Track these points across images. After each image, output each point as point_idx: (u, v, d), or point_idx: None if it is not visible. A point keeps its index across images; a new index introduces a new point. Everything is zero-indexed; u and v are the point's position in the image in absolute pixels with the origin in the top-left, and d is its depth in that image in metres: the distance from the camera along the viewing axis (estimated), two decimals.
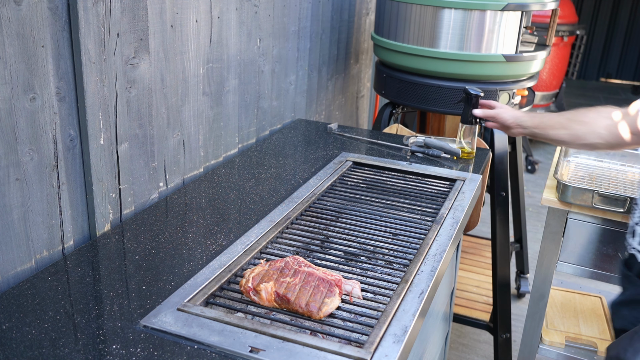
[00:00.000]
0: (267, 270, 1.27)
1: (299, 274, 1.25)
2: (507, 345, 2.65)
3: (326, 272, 1.27)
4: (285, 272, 1.26)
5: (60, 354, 1.06)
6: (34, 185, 1.33)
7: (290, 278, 1.23)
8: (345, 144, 2.21)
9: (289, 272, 1.26)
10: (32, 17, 1.25)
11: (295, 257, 1.31)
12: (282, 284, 1.22)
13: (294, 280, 1.23)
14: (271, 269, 1.27)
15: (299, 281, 1.23)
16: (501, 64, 2.36)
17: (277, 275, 1.25)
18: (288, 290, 1.21)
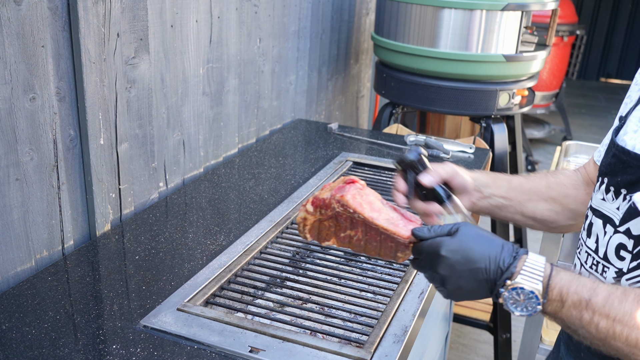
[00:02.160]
0: (320, 222, 1.09)
1: (358, 225, 1.06)
2: (507, 345, 2.65)
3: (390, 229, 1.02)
4: (341, 222, 1.07)
5: (60, 354, 1.06)
6: (34, 185, 1.33)
7: (351, 231, 1.07)
8: (345, 144, 2.21)
9: (345, 222, 1.07)
10: (32, 17, 1.25)
11: (343, 205, 1.04)
12: (344, 239, 1.08)
13: (357, 234, 1.06)
14: (324, 219, 1.08)
15: (361, 235, 1.06)
16: (501, 64, 2.36)
17: (334, 227, 1.08)
18: (355, 246, 1.07)
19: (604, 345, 0.81)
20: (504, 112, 2.47)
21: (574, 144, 2.52)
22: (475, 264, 0.86)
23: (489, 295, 0.87)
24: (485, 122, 2.51)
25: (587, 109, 7.35)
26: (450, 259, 0.87)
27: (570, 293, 0.82)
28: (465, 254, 0.86)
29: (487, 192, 1.16)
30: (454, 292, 0.88)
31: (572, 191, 1.17)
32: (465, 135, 3.46)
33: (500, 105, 2.43)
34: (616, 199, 0.93)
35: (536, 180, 1.20)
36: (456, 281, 0.87)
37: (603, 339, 0.80)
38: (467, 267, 0.86)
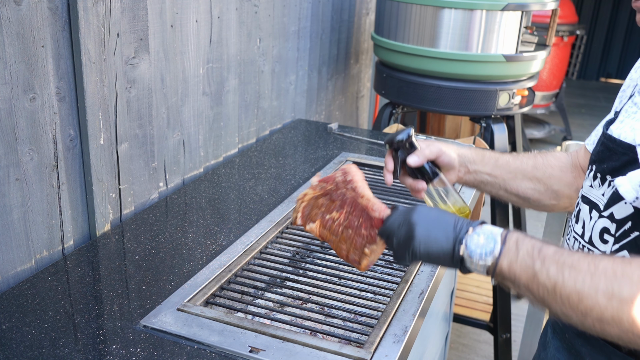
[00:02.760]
0: (316, 199, 1.13)
1: (345, 205, 1.10)
2: (507, 345, 2.65)
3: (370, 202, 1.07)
4: (334, 199, 1.11)
5: (60, 354, 1.06)
6: (34, 185, 1.33)
7: (336, 212, 1.10)
8: (345, 144, 2.21)
9: (337, 200, 1.11)
10: (32, 17, 1.25)
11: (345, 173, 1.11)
12: (326, 222, 1.11)
13: (339, 217, 1.09)
14: (321, 196, 1.13)
15: (343, 218, 1.09)
16: (501, 64, 2.36)
17: (325, 206, 1.12)
18: (331, 233, 1.10)
19: (554, 299, 0.82)
20: (504, 112, 2.47)
21: (574, 144, 2.52)
22: (445, 216, 0.95)
23: (451, 242, 0.91)
24: (485, 122, 2.51)
25: (587, 109, 7.35)
26: (422, 211, 0.96)
27: (525, 242, 0.86)
28: (436, 213, 0.96)
29: (473, 168, 1.25)
30: (420, 243, 0.92)
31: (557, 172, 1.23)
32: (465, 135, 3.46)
33: (500, 105, 2.43)
34: (602, 185, 0.97)
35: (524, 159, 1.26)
36: (425, 231, 0.92)
37: (553, 288, 0.81)
38: (438, 218, 0.94)
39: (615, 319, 0.77)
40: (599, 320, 0.78)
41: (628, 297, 0.75)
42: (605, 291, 0.77)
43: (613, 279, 0.78)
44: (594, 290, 0.78)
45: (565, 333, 1.04)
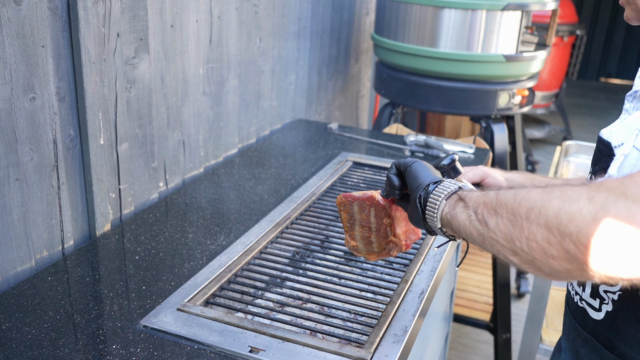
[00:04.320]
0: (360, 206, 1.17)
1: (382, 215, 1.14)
2: (507, 345, 2.65)
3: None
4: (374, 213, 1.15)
5: (60, 354, 1.06)
6: (34, 185, 1.33)
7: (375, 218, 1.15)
8: (345, 144, 2.21)
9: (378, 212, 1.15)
10: (32, 17, 1.25)
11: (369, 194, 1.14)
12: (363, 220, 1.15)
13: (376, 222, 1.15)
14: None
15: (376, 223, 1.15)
16: (501, 64, 2.36)
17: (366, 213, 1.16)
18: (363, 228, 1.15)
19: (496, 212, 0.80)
20: (504, 112, 2.47)
21: (574, 144, 2.52)
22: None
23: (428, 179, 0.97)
24: (485, 122, 2.51)
25: (587, 109, 7.35)
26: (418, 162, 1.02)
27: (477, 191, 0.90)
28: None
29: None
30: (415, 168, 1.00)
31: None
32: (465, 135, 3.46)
33: (500, 105, 2.43)
34: None
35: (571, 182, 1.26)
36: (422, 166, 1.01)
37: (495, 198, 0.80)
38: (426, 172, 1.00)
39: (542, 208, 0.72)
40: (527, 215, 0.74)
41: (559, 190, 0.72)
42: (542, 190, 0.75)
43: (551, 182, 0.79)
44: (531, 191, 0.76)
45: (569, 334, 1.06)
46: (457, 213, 0.88)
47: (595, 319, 0.99)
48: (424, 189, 0.96)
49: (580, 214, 0.66)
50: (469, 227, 0.84)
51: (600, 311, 0.99)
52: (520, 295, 3.34)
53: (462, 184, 0.95)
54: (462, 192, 0.90)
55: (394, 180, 1.04)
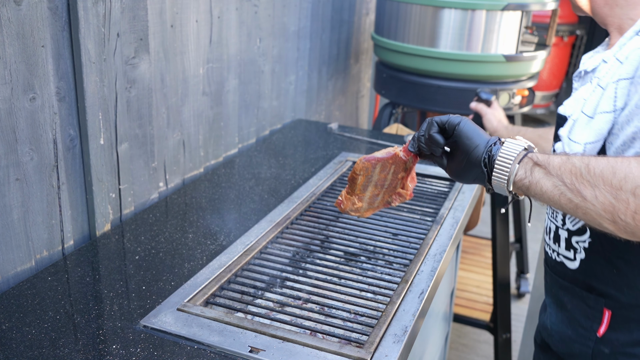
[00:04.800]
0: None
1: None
2: (507, 345, 2.65)
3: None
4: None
5: (60, 354, 1.06)
6: (34, 185, 1.33)
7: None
8: (345, 144, 2.21)
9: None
10: (32, 17, 1.25)
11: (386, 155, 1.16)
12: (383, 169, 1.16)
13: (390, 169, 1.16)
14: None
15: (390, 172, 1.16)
16: (501, 64, 2.36)
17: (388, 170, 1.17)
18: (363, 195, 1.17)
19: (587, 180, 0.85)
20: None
21: None
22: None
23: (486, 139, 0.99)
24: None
25: None
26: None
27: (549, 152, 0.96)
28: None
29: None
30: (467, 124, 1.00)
31: None
32: None
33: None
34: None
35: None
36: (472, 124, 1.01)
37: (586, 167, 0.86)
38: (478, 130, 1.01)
39: None
40: (633, 192, 0.80)
41: None
42: (638, 164, 0.80)
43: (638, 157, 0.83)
44: (626, 163, 0.81)
45: (552, 289, 1.20)
46: (538, 180, 0.91)
47: (572, 269, 1.14)
48: (486, 150, 0.97)
49: None
50: (557, 196, 0.88)
51: (575, 260, 1.13)
52: (520, 295, 3.34)
53: (527, 144, 0.97)
54: (535, 156, 0.93)
55: (439, 139, 1.02)
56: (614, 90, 0.99)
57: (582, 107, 1.05)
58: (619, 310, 1.07)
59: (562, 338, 1.18)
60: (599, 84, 1.04)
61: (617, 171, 0.82)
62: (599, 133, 0.99)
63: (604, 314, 1.08)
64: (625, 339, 1.08)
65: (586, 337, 1.12)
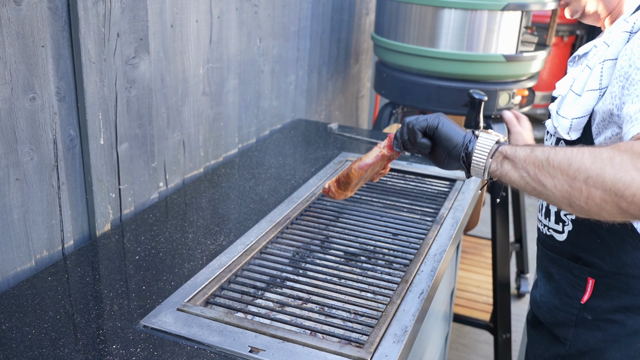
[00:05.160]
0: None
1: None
2: (507, 345, 2.65)
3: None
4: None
5: (60, 354, 1.06)
6: (34, 185, 1.33)
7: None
8: (345, 144, 2.21)
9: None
10: (32, 17, 1.25)
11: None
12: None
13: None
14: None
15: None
16: (501, 64, 2.36)
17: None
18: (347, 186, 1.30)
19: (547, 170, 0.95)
20: None
21: None
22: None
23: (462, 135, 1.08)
24: (485, 122, 2.51)
25: None
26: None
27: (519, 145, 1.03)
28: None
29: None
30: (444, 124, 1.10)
31: None
32: None
33: (500, 105, 2.43)
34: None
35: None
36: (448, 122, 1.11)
37: (546, 159, 0.95)
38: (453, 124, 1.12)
39: (599, 175, 0.89)
40: (585, 180, 0.90)
41: (607, 157, 0.89)
42: (590, 155, 0.91)
43: (592, 149, 0.92)
44: (580, 155, 0.92)
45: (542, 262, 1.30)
46: (507, 171, 1.01)
47: (561, 241, 1.25)
48: (462, 148, 1.06)
49: (634, 182, 0.85)
50: (523, 185, 0.99)
51: (563, 233, 1.25)
52: (520, 295, 3.34)
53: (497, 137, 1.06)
54: (504, 149, 1.03)
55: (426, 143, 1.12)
56: (600, 69, 1.10)
57: (571, 85, 1.18)
58: (601, 279, 1.17)
59: (549, 308, 1.28)
60: (588, 64, 1.17)
61: (572, 163, 0.91)
62: (586, 109, 1.12)
63: (588, 283, 1.18)
64: (607, 305, 1.17)
65: (571, 305, 1.22)
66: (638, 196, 0.87)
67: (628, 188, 0.87)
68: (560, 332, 1.26)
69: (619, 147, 0.91)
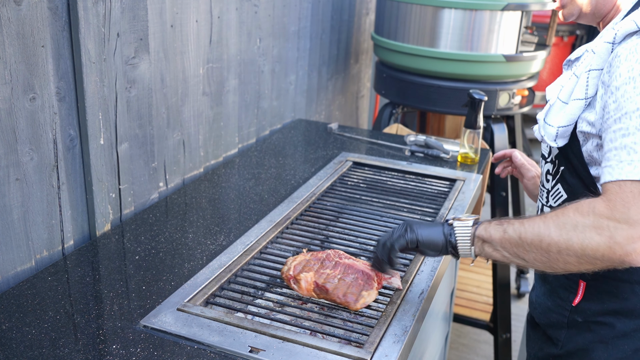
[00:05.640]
0: (308, 260, 1.29)
1: (339, 266, 1.27)
2: (507, 345, 2.65)
3: (367, 264, 1.28)
4: (326, 263, 1.28)
5: (60, 354, 1.06)
6: (34, 185, 1.33)
7: (331, 270, 1.26)
8: (345, 144, 2.21)
9: (330, 263, 1.28)
10: (32, 17, 1.25)
11: (336, 251, 1.34)
12: (321, 274, 1.25)
13: (334, 272, 1.25)
14: (312, 259, 1.29)
15: (338, 273, 1.25)
16: (501, 64, 2.36)
17: (317, 265, 1.27)
18: (327, 281, 1.23)
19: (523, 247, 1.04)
20: (504, 112, 2.47)
21: None
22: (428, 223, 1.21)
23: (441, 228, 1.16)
24: (485, 122, 2.51)
25: None
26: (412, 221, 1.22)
27: (492, 220, 1.12)
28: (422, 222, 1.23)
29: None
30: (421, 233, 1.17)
31: None
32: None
33: (500, 105, 2.43)
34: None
35: None
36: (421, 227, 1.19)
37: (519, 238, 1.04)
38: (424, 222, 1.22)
39: (568, 246, 0.98)
40: (558, 252, 0.99)
41: (571, 226, 0.97)
42: (555, 227, 0.99)
43: (557, 217, 1.00)
44: (547, 229, 1.00)
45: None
46: (489, 253, 1.10)
47: None
48: (448, 245, 1.14)
49: (599, 246, 0.95)
50: (507, 261, 1.09)
51: None
52: (520, 295, 3.34)
53: (469, 219, 1.13)
54: (479, 234, 1.11)
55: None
56: (586, 79, 1.10)
57: (558, 93, 1.18)
58: (592, 282, 1.17)
59: (543, 309, 1.30)
60: (575, 72, 1.17)
61: (542, 238, 1.00)
62: (571, 118, 1.12)
63: (580, 285, 1.19)
64: (597, 308, 1.18)
65: (563, 307, 1.23)
66: (607, 255, 0.95)
67: (596, 251, 0.95)
68: (553, 333, 1.27)
69: (582, 210, 0.98)
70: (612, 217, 0.94)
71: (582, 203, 0.99)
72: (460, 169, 2.00)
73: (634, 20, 1.01)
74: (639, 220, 0.93)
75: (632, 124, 0.96)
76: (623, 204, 0.94)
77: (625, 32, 1.03)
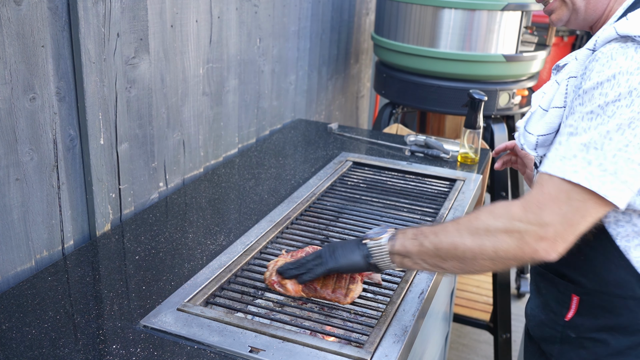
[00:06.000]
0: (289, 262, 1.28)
1: None
2: (507, 345, 2.65)
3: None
4: None
5: (60, 354, 1.06)
6: (34, 185, 1.33)
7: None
8: (345, 144, 2.21)
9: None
10: (32, 17, 1.25)
11: (314, 247, 1.32)
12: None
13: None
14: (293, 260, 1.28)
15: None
16: (501, 64, 2.36)
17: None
18: (313, 280, 1.22)
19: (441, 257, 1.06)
20: (504, 112, 2.47)
21: None
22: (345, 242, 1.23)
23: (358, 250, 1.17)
24: (485, 122, 2.51)
25: None
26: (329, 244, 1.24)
27: (407, 229, 1.14)
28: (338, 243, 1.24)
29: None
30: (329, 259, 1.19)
31: None
32: None
33: (500, 105, 2.43)
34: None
35: None
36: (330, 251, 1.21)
37: (435, 249, 1.06)
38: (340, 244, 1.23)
39: (482, 251, 1.00)
40: (473, 258, 1.02)
41: (483, 230, 1.00)
42: (468, 234, 1.02)
43: (470, 223, 1.03)
44: (460, 237, 1.02)
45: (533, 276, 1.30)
46: (410, 265, 1.13)
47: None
48: (369, 264, 1.16)
49: (510, 247, 0.98)
50: (428, 270, 1.13)
51: None
52: (520, 295, 3.34)
53: (381, 236, 1.15)
54: (395, 249, 1.12)
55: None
56: (566, 86, 1.08)
57: (540, 101, 1.16)
58: (585, 296, 1.15)
59: (537, 323, 1.27)
60: (556, 79, 1.15)
61: (457, 247, 1.03)
62: (551, 127, 1.10)
63: (572, 300, 1.17)
64: (590, 324, 1.15)
65: (555, 322, 1.20)
66: (518, 255, 0.98)
67: (508, 252, 0.98)
68: (547, 347, 1.24)
69: (495, 213, 1.00)
70: (524, 219, 0.96)
71: (497, 205, 1.01)
72: (460, 169, 2.00)
73: (614, 27, 0.99)
74: (550, 222, 0.95)
75: (582, 125, 0.97)
76: (538, 206, 0.96)
77: (605, 39, 1.00)
